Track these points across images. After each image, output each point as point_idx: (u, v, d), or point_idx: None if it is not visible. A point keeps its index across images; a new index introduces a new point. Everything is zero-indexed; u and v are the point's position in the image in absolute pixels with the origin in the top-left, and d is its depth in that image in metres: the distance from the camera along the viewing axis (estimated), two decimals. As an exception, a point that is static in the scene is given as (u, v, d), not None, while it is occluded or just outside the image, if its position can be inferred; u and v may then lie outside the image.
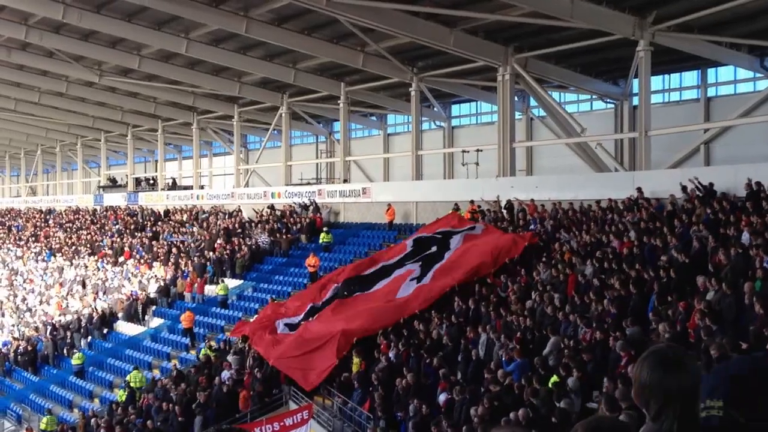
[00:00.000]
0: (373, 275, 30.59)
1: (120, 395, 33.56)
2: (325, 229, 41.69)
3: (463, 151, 41.93)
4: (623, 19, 30.57)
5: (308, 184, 52.13)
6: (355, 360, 25.15)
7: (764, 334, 15.40)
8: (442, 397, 20.37)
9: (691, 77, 39.13)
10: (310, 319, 29.22)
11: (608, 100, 41.52)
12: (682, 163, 35.74)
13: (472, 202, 34.19)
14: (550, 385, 17.55)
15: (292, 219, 44.49)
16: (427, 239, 31.38)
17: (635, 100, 37.40)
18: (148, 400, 30.64)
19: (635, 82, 35.48)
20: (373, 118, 55.61)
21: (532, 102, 43.35)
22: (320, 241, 40.65)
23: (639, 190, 28.09)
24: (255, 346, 29.01)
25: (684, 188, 26.26)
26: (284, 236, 42.95)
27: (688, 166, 34.88)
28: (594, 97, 42.06)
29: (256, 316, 34.06)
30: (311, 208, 44.38)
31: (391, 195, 41.40)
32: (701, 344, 15.26)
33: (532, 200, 32.09)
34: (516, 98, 39.41)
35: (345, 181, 48.18)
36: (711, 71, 38.03)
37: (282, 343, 27.91)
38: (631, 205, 27.50)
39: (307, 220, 43.38)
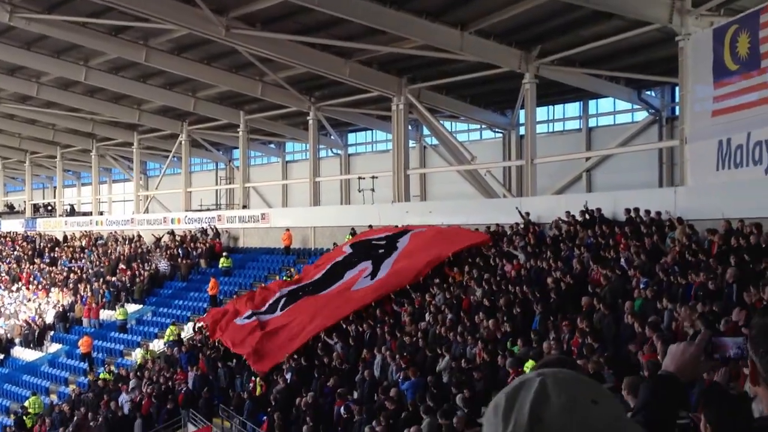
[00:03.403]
0: (325, 278, 30.49)
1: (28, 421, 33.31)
2: (224, 254, 42.24)
3: (360, 178, 42.77)
4: (510, 53, 32.01)
5: (208, 210, 52.47)
6: (258, 382, 25.87)
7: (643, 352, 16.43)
8: (341, 411, 21.14)
9: (573, 108, 41.00)
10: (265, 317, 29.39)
11: (497, 130, 43.16)
12: (565, 190, 37.54)
13: (370, 226, 35.16)
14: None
15: (192, 244, 44.93)
16: (369, 243, 31.75)
17: (522, 130, 38.93)
18: (45, 427, 30.71)
19: (522, 112, 37.12)
20: (272, 145, 56.32)
21: (425, 131, 44.75)
22: (220, 265, 41.17)
23: (527, 214, 29.36)
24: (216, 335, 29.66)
25: (568, 213, 27.55)
26: (184, 261, 43.29)
27: (572, 192, 36.72)
28: (483, 126, 43.63)
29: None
30: (212, 233, 44.86)
31: (290, 220, 42.23)
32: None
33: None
34: (410, 127, 40.61)
35: (244, 207, 48.55)
36: (592, 103, 39.93)
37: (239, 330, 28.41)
38: (518, 230, 28.83)
39: (207, 246, 43.88)
